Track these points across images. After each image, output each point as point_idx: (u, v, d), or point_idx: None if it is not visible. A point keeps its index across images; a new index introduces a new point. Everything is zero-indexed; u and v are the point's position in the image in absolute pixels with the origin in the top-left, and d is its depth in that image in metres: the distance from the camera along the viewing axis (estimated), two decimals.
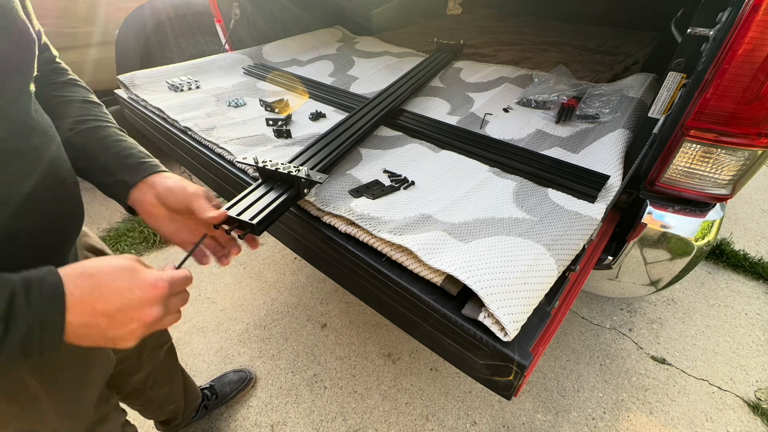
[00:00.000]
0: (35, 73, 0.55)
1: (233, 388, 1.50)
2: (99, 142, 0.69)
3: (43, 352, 0.43)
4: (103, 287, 0.45)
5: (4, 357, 0.40)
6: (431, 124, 1.21)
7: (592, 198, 0.88)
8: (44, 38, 0.71)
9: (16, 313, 0.40)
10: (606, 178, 0.93)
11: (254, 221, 0.70)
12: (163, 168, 0.72)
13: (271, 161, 0.84)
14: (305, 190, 0.83)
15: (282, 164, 0.83)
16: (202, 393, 1.41)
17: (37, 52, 0.55)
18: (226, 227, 0.70)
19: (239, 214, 0.72)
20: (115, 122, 0.76)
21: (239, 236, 0.71)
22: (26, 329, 0.41)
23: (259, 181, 0.84)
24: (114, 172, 0.68)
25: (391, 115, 1.26)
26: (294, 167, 0.82)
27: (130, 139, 0.74)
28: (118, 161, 0.68)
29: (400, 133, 1.21)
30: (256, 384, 1.56)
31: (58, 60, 0.76)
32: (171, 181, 0.69)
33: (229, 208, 0.73)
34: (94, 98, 0.77)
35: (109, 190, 0.69)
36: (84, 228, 0.78)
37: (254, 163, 0.83)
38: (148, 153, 0.73)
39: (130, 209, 0.70)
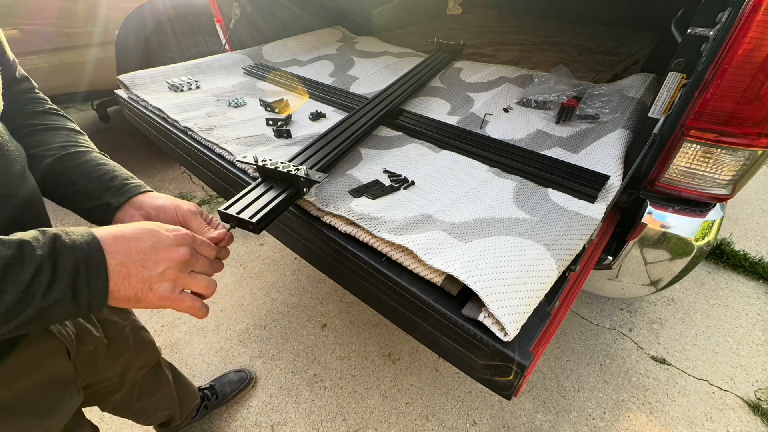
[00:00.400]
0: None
1: (233, 388, 1.50)
2: (80, 168, 0.67)
3: (92, 300, 0.45)
4: (133, 232, 0.50)
5: (57, 296, 0.42)
6: (431, 124, 1.21)
7: (592, 198, 0.88)
8: (21, 69, 0.71)
9: (62, 252, 0.43)
10: (606, 178, 0.93)
11: (254, 219, 0.70)
12: (149, 188, 0.71)
13: (270, 160, 0.84)
14: (304, 189, 0.83)
15: (282, 163, 0.83)
16: (202, 393, 1.41)
17: None
18: (226, 225, 0.70)
19: (239, 212, 0.72)
20: (96, 148, 0.74)
21: (229, 226, 0.72)
22: (73, 267, 0.43)
23: (259, 180, 0.84)
24: (97, 196, 0.66)
25: (390, 115, 1.26)
26: (293, 166, 0.82)
27: (114, 163, 0.72)
28: (101, 185, 0.67)
29: (400, 133, 1.21)
30: (256, 384, 1.56)
31: (36, 90, 0.75)
32: (161, 200, 0.67)
33: (228, 207, 0.73)
34: (75, 126, 0.76)
35: (92, 215, 0.67)
36: None
37: (254, 162, 0.83)
38: (132, 175, 0.72)
39: None
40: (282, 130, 1.16)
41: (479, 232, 0.77)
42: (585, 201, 0.88)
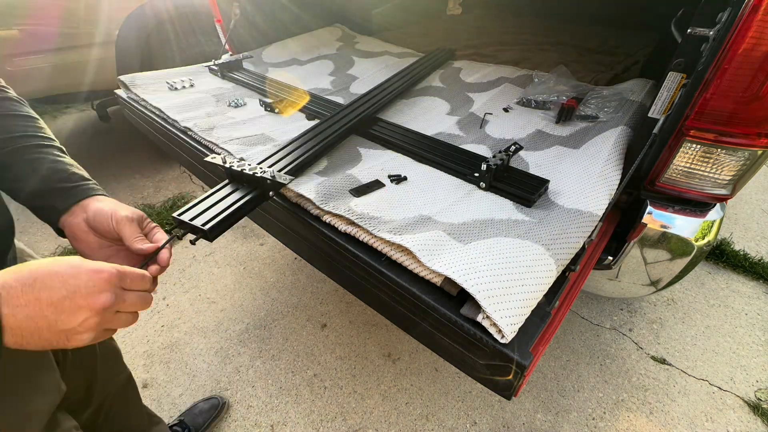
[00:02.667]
0: None
1: (206, 418, 1.37)
2: (32, 164, 0.63)
3: None
4: (45, 278, 0.42)
5: None
6: (408, 135, 1.16)
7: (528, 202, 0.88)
8: None
9: None
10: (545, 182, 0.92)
11: (206, 227, 0.67)
12: (99, 191, 0.66)
13: (239, 161, 0.82)
14: (270, 193, 0.82)
15: (249, 165, 0.82)
16: (171, 430, 1.27)
17: None
18: (179, 232, 0.67)
19: (193, 218, 0.70)
20: (51, 137, 0.69)
21: (191, 241, 0.70)
22: None
23: (225, 181, 0.83)
24: (43, 197, 0.62)
25: (364, 124, 1.21)
26: (260, 168, 0.81)
27: (68, 159, 0.67)
28: (48, 185, 0.62)
29: (377, 145, 1.16)
30: (229, 409, 1.46)
31: None
32: (104, 204, 0.63)
33: (183, 212, 0.72)
34: (29, 111, 0.70)
35: (39, 213, 0.64)
36: (24, 247, 0.76)
37: (222, 163, 0.82)
38: (86, 177, 0.67)
39: (60, 232, 0.64)
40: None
41: (478, 234, 0.77)
42: (585, 199, 0.87)
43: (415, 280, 0.69)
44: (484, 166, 0.90)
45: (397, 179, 0.95)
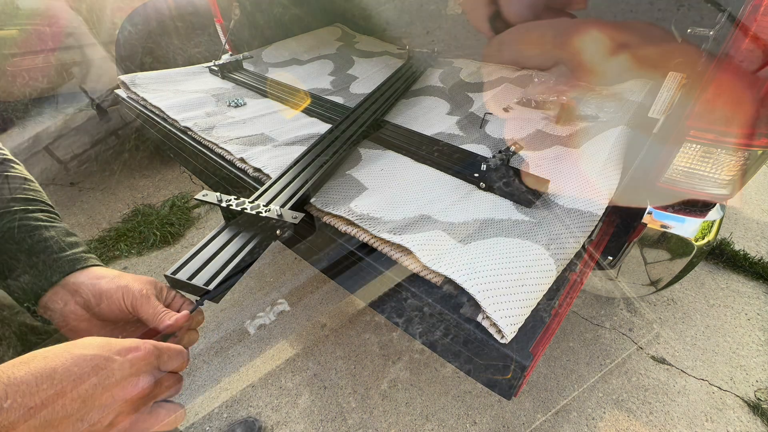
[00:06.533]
0: None
1: None
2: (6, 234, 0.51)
3: None
4: (70, 364, 0.34)
5: None
6: (408, 136, 1.15)
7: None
8: None
9: None
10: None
11: (210, 286, 0.57)
12: (94, 260, 0.53)
13: (236, 199, 0.73)
14: (278, 232, 0.72)
15: (249, 202, 0.73)
16: None
17: None
18: (193, 299, 0.59)
19: (192, 276, 0.59)
20: (45, 200, 0.57)
21: (196, 302, 0.58)
22: None
23: (222, 225, 0.73)
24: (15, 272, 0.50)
25: (371, 129, 1.19)
26: (263, 206, 0.72)
27: (58, 226, 0.54)
28: (30, 258, 0.50)
29: (384, 148, 1.14)
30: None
31: None
32: (105, 281, 0.50)
33: (177, 270, 0.60)
34: (19, 170, 0.58)
35: (11, 293, 0.50)
36: None
37: (217, 201, 0.71)
38: (76, 241, 0.53)
39: (43, 319, 0.51)
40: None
41: (478, 234, 0.77)
42: (583, 198, 0.87)
43: (415, 279, 0.69)
44: (484, 167, 0.90)
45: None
